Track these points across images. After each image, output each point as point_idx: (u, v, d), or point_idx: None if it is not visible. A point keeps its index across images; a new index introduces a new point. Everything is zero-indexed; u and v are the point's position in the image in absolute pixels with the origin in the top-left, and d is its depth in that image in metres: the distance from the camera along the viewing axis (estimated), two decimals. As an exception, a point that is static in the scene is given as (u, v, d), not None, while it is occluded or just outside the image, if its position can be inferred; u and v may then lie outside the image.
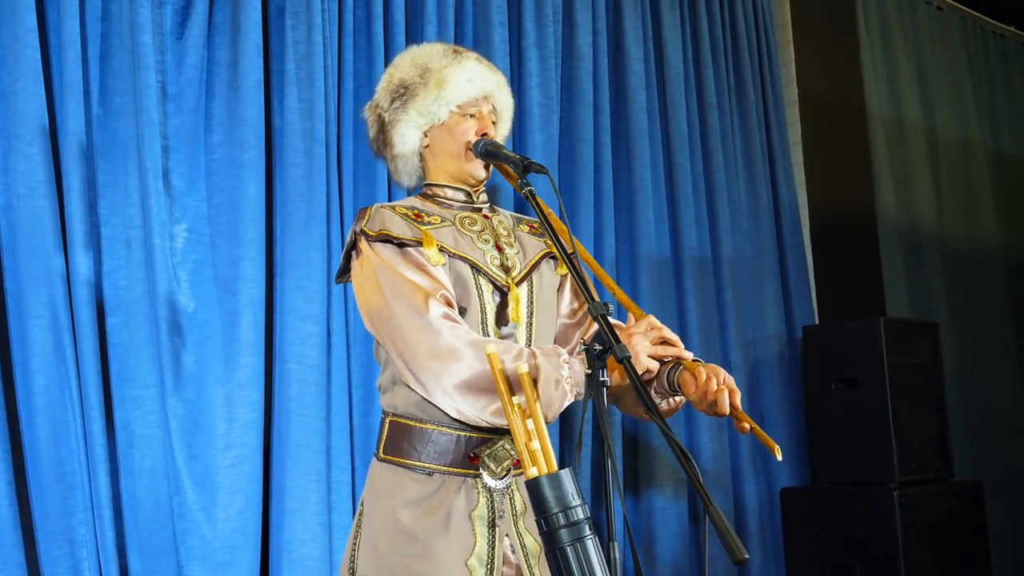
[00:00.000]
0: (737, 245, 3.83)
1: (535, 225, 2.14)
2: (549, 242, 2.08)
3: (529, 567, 1.82)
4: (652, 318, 1.84)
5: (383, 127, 2.07)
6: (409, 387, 1.83)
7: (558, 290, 2.10)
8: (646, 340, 1.80)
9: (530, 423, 1.48)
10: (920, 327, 3.78)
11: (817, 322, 4.06)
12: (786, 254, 4.00)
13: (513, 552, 1.84)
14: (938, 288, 4.67)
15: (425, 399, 1.81)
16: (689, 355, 1.84)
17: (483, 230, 2.00)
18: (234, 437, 2.53)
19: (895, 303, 4.39)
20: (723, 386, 1.75)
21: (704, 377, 1.77)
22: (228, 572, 2.46)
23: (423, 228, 1.91)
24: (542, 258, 2.05)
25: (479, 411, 1.75)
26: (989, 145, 5.26)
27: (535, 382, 1.71)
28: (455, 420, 1.82)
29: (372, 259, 1.87)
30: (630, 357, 1.53)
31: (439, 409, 1.80)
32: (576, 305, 2.11)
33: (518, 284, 1.96)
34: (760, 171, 3.97)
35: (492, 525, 1.83)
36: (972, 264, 4.92)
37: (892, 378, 3.48)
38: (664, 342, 1.82)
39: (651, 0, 3.74)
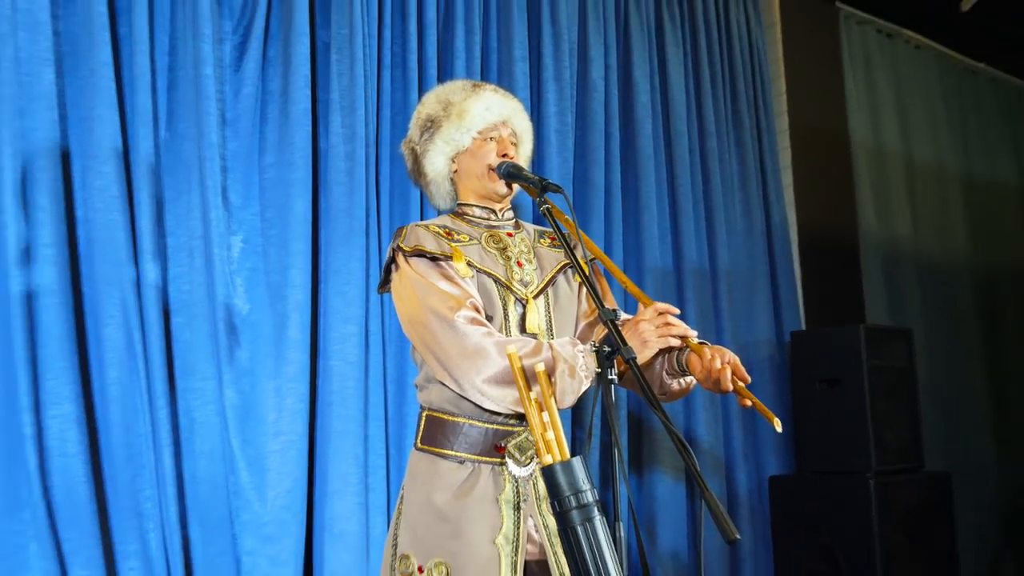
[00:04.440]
0: (733, 258, 3.84)
1: (555, 237, 2.15)
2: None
3: (551, 544, 1.84)
4: (659, 304, 1.85)
5: (416, 158, 2.10)
6: (443, 385, 1.86)
7: (576, 296, 2.12)
8: (652, 325, 1.81)
9: (546, 416, 1.51)
10: (896, 333, 3.78)
11: (804, 328, 4.05)
12: (776, 267, 4.00)
13: (536, 531, 1.85)
14: (913, 299, 4.66)
15: (458, 394, 1.83)
16: (694, 334, 1.84)
17: (505, 248, 2.02)
18: (283, 425, 2.56)
19: (874, 311, 4.39)
20: (726, 365, 1.76)
21: (709, 356, 1.78)
22: (277, 544, 2.49)
23: (453, 245, 1.94)
24: (558, 271, 2.06)
25: (505, 401, 1.78)
26: (962, 170, 5.24)
27: (552, 372, 1.74)
28: (484, 412, 1.85)
29: (408, 272, 1.90)
30: (636, 359, 1.55)
31: (470, 403, 1.83)
32: (590, 309, 2.13)
33: (535, 297, 1.98)
34: (754, 192, 3.97)
35: (517, 508, 1.84)
36: (944, 277, 4.90)
37: (870, 379, 3.47)
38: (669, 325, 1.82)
39: (657, 38, 3.76)
